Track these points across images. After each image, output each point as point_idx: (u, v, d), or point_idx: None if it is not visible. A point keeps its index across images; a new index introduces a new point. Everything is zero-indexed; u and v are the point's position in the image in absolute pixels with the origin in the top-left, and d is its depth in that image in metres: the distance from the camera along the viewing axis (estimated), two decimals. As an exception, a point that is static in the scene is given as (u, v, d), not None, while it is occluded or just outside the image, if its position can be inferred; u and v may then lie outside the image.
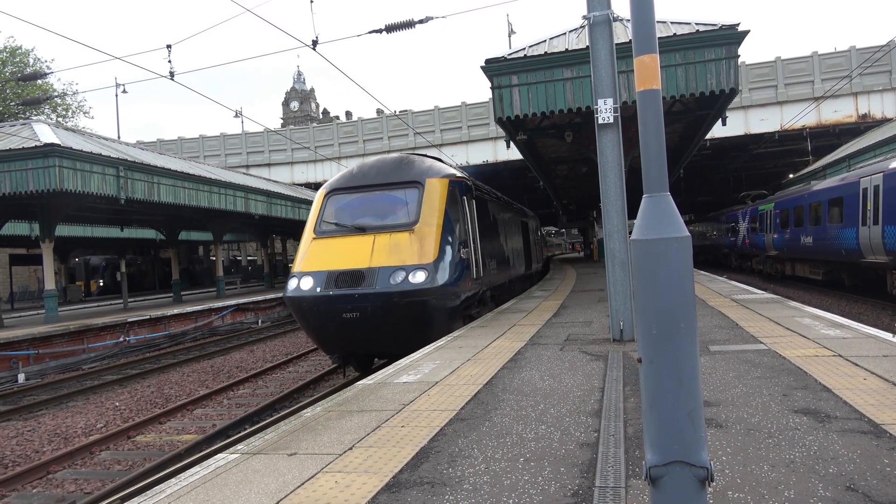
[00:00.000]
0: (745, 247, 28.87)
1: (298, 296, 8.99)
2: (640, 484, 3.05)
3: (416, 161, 10.45)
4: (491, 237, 13.01)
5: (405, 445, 3.90)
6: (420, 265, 8.73)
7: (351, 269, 8.88)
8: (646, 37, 2.63)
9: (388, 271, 8.71)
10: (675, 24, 10.24)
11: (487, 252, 11.96)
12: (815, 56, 25.64)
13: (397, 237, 9.12)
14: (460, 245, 9.69)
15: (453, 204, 9.89)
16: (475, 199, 11.45)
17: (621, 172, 7.52)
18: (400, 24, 11.59)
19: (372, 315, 8.63)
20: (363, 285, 8.67)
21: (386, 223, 9.46)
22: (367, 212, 9.79)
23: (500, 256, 13.88)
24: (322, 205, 10.16)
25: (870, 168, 15.92)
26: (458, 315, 9.77)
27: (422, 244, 8.97)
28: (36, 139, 15.64)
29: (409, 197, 9.64)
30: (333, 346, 9.71)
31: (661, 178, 2.53)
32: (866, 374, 4.90)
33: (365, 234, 9.30)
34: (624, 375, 5.51)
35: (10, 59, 37.62)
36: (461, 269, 9.55)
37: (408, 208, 9.56)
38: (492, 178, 27.68)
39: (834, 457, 3.24)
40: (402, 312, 8.65)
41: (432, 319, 9.02)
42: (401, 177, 9.94)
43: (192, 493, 3.32)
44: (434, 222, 9.27)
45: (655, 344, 2.37)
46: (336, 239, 9.50)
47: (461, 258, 9.62)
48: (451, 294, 9.17)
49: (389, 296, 8.53)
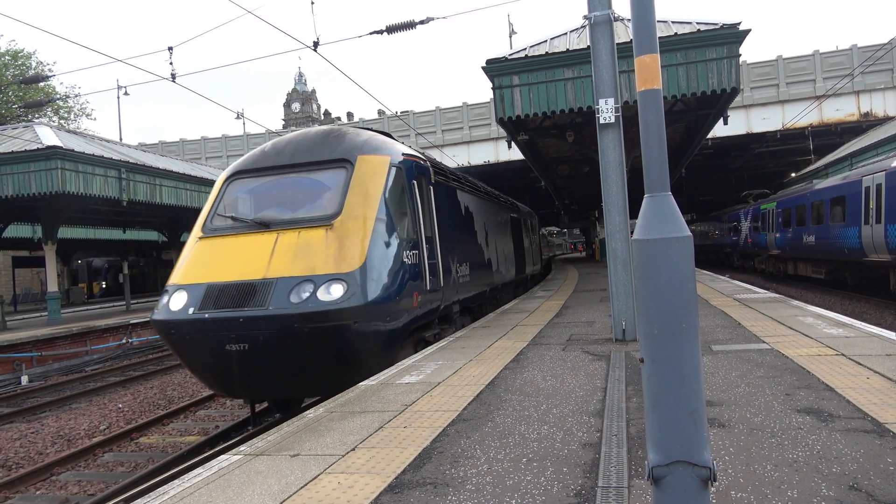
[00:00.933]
0: (747, 246, 28.84)
1: (164, 319, 6.59)
2: (642, 484, 3.04)
3: (348, 134, 8.02)
4: (463, 236, 10.89)
5: (408, 446, 3.90)
6: (337, 274, 6.40)
7: (238, 282, 6.51)
8: (647, 36, 2.63)
9: (289, 284, 6.35)
10: (675, 23, 10.24)
11: (457, 255, 9.92)
12: (817, 55, 25.60)
13: (308, 235, 6.80)
14: (407, 246, 7.45)
15: (398, 191, 7.62)
16: (437, 187, 9.19)
17: (623, 172, 7.52)
18: (401, 25, 11.60)
19: (265, 348, 6.28)
20: (252, 304, 6.29)
21: (297, 216, 7.14)
22: (276, 201, 7.55)
23: (476, 260, 11.64)
24: (219, 193, 7.78)
25: (872, 167, 15.89)
26: (399, 342, 7.34)
27: (342, 245, 6.66)
28: (38, 142, 15.69)
29: (334, 181, 7.31)
30: (224, 389, 7.38)
31: (663, 177, 2.53)
32: (869, 373, 4.89)
33: (267, 232, 6.96)
34: (626, 375, 5.50)
35: (12, 62, 37.71)
36: (405, 278, 7.22)
37: (329, 196, 7.20)
38: (493, 178, 27.70)
39: (837, 456, 3.23)
40: (307, 344, 6.30)
41: (356, 352, 6.64)
42: (324, 154, 7.57)
43: (195, 495, 3.32)
44: (365, 214, 6.96)
45: (657, 344, 2.37)
46: (229, 239, 7.13)
47: (407, 264, 7.34)
48: (387, 313, 6.78)
49: (287, 320, 6.15)
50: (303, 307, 6.18)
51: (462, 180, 11.75)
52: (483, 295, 12.19)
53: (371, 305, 6.47)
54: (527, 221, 21.46)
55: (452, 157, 27.87)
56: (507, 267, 15.52)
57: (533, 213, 25.36)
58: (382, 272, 6.84)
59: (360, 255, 6.64)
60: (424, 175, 8.67)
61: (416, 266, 7.63)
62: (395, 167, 7.67)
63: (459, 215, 10.92)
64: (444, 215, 9.42)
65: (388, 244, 7.08)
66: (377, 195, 7.20)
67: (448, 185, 10.19)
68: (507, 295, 15.87)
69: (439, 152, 26.92)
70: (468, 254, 10.96)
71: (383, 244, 7.00)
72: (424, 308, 7.90)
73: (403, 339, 7.46)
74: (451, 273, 9.40)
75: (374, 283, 6.62)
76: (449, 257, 9.29)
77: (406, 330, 7.40)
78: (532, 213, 24.64)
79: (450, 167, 11.54)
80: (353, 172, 7.27)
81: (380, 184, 7.30)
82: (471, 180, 13.08)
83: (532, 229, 23.46)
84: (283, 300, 6.25)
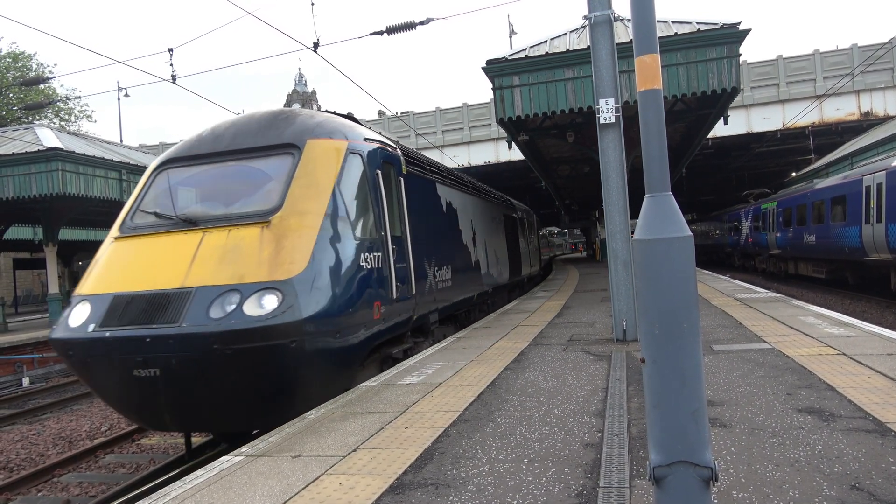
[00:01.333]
0: (747, 246, 28.83)
1: (61, 338, 5.49)
2: (644, 484, 3.04)
3: (300, 116, 6.90)
4: (444, 236, 9.88)
5: (409, 447, 3.90)
6: (270, 283, 5.29)
7: (149, 293, 5.40)
8: (647, 36, 2.63)
9: (210, 295, 5.23)
10: (676, 23, 10.25)
11: (436, 257, 8.95)
12: (817, 54, 25.59)
13: (240, 235, 5.70)
14: (366, 248, 6.37)
15: (357, 182, 6.56)
16: (410, 179, 8.12)
17: (623, 172, 7.52)
18: (401, 26, 11.60)
19: (179, 375, 5.14)
20: (162, 321, 5.16)
21: (230, 212, 6.04)
22: (208, 194, 6.52)
23: (460, 262, 10.58)
24: (144, 186, 6.74)
25: (873, 166, 15.89)
26: (356, 362, 6.22)
27: (280, 246, 5.57)
28: (39, 143, 15.71)
29: (277, 169, 6.25)
30: (142, 421, 6.16)
31: (663, 177, 2.53)
32: (871, 372, 4.89)
33: (192, 231, 5.87)
34: (627, 375, 5.50)
35: (12, 64, 37.76)
36: (363, 285, 6.17)
37: (269, 188, 6.14)
38: (494, 178, 27.68)
39: (839, 456, 3.23)
40: (232, 370, 5.13)
41: (297, 378, 5.46)
42: (269, 138, 6.47)
43: (197, 496, 3.32)
44: (311, 209, 5.91)
45: (658, 344, 2.37)
46: (147, 240, 6.03)
47: (366, 268, 6.28)
48: (337, 329, 5.67)
49: (204, 340, 5.00)
50: (224, 324, 5.04)
51: (444, 173, 10.64)
52: (469, 301, 11.23)
53: (314, 320, 5.34)
54: (523, 220, 20.39)
55: (453, 158, 27.87)
56: (500, 269, 14.53)
57: (531, 211, 24.40)
58: (330, 279, 5.70)
59: (301, 258, 5.55)
60: (393, 164, 7.60)
61: (378, 271, 6.57)
62: (354, 154, 6.65)
63: (440, 212, 9.85)
64: (420, 212, 8.43)
65: (339, 245, 5.99)
66: (328, 186, 6.14)
67: (425, 177, 9.14)
68: (501, 299, 15.02)
69: (440, 153, 26.91)
70: (450, 256, 9.93)
71: (333, 245, 5.92)
72: (390, 320, 6.83)
73: (362, 358, 6.32)
74: (427, 278, 8.40)
75: (318, 292, 5.49)
76: (425, 260, 8.34)
77: (365, 347, 6.26)
78: (530, 212, 23.65)
79: (429, 158, 10.43)
80: (300, 159, 6.20)
81: (332, 173, 6.27)
82: (455, 174, 12.09)
83: (530, 229, 22.41)
84: (201, 315, 5.11)
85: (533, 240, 23.45)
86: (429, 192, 9.29)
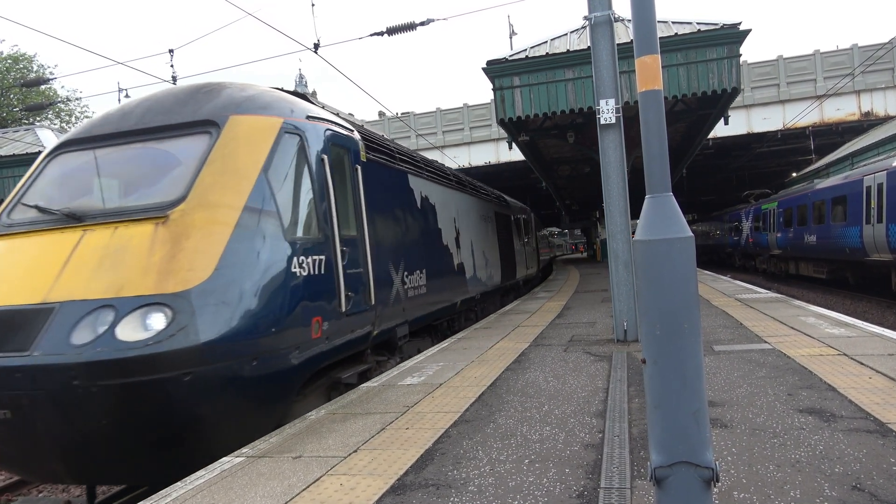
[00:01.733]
0: (748, 246, 28.82)
1: None
2: (645, 485, 3.04)
3: (227, 89, 5.65)
4: (417, 235, 8.55)
5: (410, 447, 3.90)
6: (156, 297, 4.15)
7: (6, 309, 4.27)
8: (647, 37, 2.63)
9: (76, 312, 4.10)
10: (676, 23, 10.25)
11: (406, 260, 7.77)
12: (817, 54, 25.58)
13: (127, 234, 4.53)
14: (304, 250, 5.20)
15: (293, 168, 5.38)
16: (371, 168, 6.99)
17: (624, 173, 7.53)
18: (401, 27, 11.61)
19: (36, 417, 4.01)
20: (10, 347, 4.05)
21: (122, 205, 4.89)
22: (103, 183, 5.25)
23: (439, 266, 9.41)
24: (33, 174, 5.53)
25: (873, 166, 15.88)
26: (287, 394, 5.04)
27: (177, 248, 4.42)
28: (40, 144, 15.75)
29: (189, 152, 5.05)
30: (13, 470, 4.89)
31: (664, 178, 2.53)
32: (872, 372, 4.88)
33: (72, 229, 4.68)
34: (628, 376, 5.50)
35: (13, 65, 37.79)
36: (294, 297, 4.96)
37: (176, 174, 4.94)
38: (494, 178, 27.69)
39: (840, 456, 3.23)
40: (101, 412, 3.96)
41: (197, 421, 4.27)
42: (183, 115, 5.26)
43: (198, 497, 3.33)
44: (227, 201, 4.77)
45: (659, 344, 2.37)
46: (21, 240, 4.82)
47: (302, 276, 5.08)
48: (252, 356, 4.48)
49: (61, 374, 3.89)
50: (88, 352, 3.88)
51: (419, 163, 9.39)
52: (451, 309, 10.13)
53: (217, 344, 4.17)
54: (519, 219, 19.09)
55: (453, 159, 27.87)
56: (490, 272, 13.31)
57: (527, 209, 23.05)
58: (245, 290, 4.51)
59: (204, 263, 4.38)
60: (347, 150, 6.42)
61: (320, 279, 5.39)
62: (291, 134, 5.48)
63: (412, 208, 8.56)
64: (385, 207, 7.35)
65: (262, 247, 4.78)
66: (251, 173, 4.97)
67: (393, 167, 7.91)
68: (492, 304, 13.98)
69: (440, 153, 26.91)
70: (426, 258, 8.72)
71: (252, 247, 4.72)
72: (338, 338, 5.65)
73: (296, 388, 5.14)
74: (393, 286, 7.26)
75: (225, 308, 4.32)
76: (390, 264, 7.24)
77: (298, 375, 5.08)
78: (526, 210, 22.21)
79: (401, 146, 9.25)
80: (218, 140, 5.01)
81: (258, 156, 5.10)
82: (435, 165, 10.78)
83: (526, 228, 20.96)
84: (59, 340, 3.96)
85: (530, 240, 22.06)
86: (398, 185, 8.08)
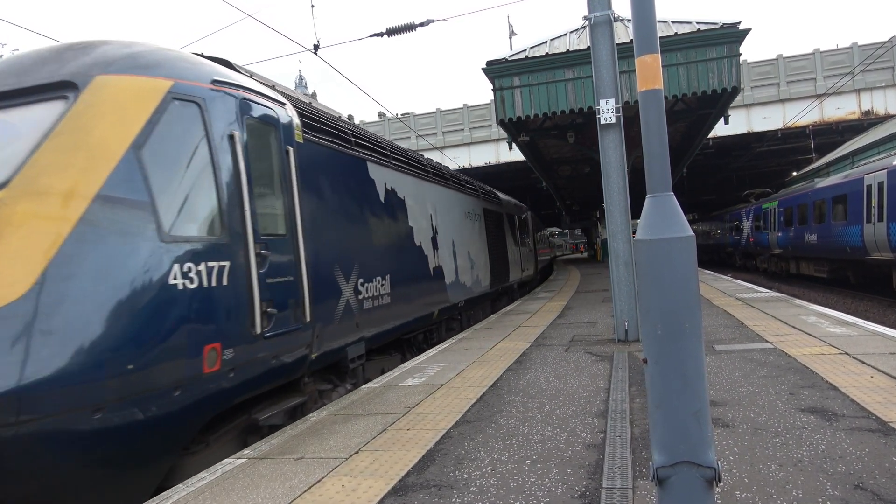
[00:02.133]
0: (749, 245, 28.81)
1: None
2: (647, 485, 3.04)
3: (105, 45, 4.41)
4: (379, 235, 7.26)
5: (411, 448, 3.90)
6: None
7: None
8: (647, 36, 2.63)
9: None
10: (676, 23, 10.25)
11: (360, 263, 6.54)
12: (817, 53, 25.57)
13: None
14: (189, 255, 4.04)
15: (181, 146, 4.27)
16: (312, 152, 5.87)
17: (624, 172, 7.53)
18: (401, 28, 11.61)
19: None
20: None
21: None
22: None
23: (409, 270, 8.17)
24: None
25: (874, 165, 15.87)
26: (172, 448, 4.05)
27: None
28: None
29: (33, 123, 3.93)
30: None
31: (665, 177, 2.53)
32: (873, 371, 4.88)
33: None
34: (629, 376, 5.50)
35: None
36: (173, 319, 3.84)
37: (9, 153, 3.81)
38: (495, 179, 27.68)
39: (842, 455, 3.22)
40: None
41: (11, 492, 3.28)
42: (40, 76, 4.08)
43: (199, 499, 3.32)
44: (71, 186, 3.68)
45: (661, 344, 2.37)
46: None
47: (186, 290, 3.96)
48: (97, 404, 3.40)
49: None
50: None
51: (384, 150, 7.99)
52: (426, 319, 8.79)
53: (28, 395, 3.13)
54: (513, 217, 17.63)
55: (453, 159, 27.88)
56: (477, 276, 11.84)
57: (524, 207, 21.36)
58: (84, 312, 3.43)
59: (19, 276, 3.33)
60: (273, 127, 5.21)
61: (220, 293, 4.21)
62: (184, 101, 4.33)
63: (373, 202, 7.25)
64: (331, 201, 6.10)
65: (119, 250, 3.67)
66: (114, 150, 3.87)
67: (345, 152, 6.64)
68: (481, 312, 12.77)
69: (440, 154, 26.91)
70: (389, 262, 7.41)
71: (104, 251, 3.61)
72: (252, 369, 4.50)
73: (184, 439, 4.13)
74: (342, 296, 6.03)
75: (49, 339, 3.27)
76: (337, 270, 6.00)
77: (187, 421, 4.05)
78: (522, 208, 20.41)
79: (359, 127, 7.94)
80: (72, 106, 3.92)
81: (128, 128, 3.98)
82: (408, 154, 9.25)
83: (522, 227, 19.38)
84: None
85: (527, 240, 20.51)
86: (353, 174, 6.79)
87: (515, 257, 17.14)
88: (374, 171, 7.44)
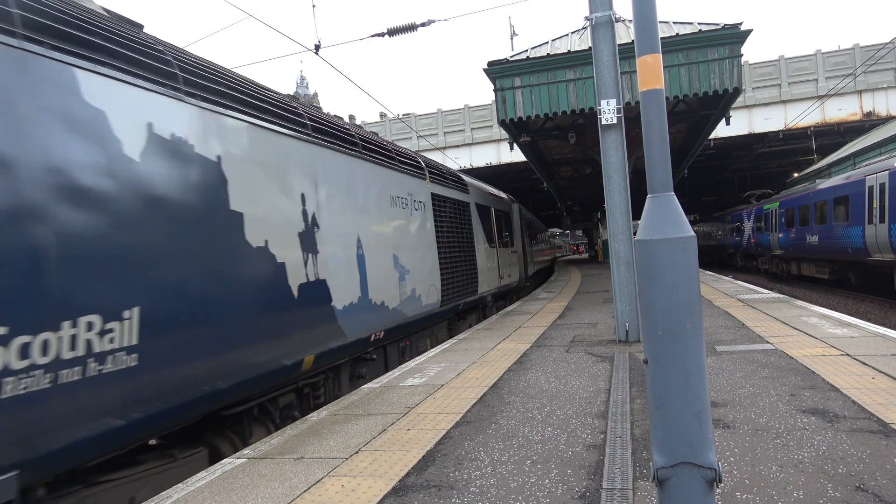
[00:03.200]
0: (750, 246, 28.79)
1: None
2: (647, 485, 3.03)
3: None
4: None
5: (411, 448, 3.89)
6: None
7: None
8: (648, 37, 2.63)
9: None
10: (677, 24, 10.24)
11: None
12: (819, 54, 25.56)
13: None
14: None
15: None
16: None
17: (625, 173, 7.52)
18: (402, 28, 11.61)
19: None
20: None
21: None
22: None
23: (222, 297, 4.26)
24: None
25: (875, 166, 15.85)
26: None
27: None
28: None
29: None
30: None
31: (666, 178, 2.52)
32: (875, 373, 4.87)
33: None
34: (630, 377, 5.49)
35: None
36: None
37: None
38: (496, 179, 27.68)
39: (843, 457, 3.21)
40: None
41: None
42: None
43: (199, 499, 3.32)
44: None
45: (661, 345, 2.36)
46: None
47: None
48: None
49: None
50: None
51: (148, 57, 4.04)
52: (283, 373, 5.00)
53: None
54: (486, 210, 13.66)
55: (454, 160, 27.89)
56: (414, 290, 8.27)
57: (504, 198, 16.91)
58: None
59: None
60: None
61: None
62: None
63: (93, 161, 3.40)
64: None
65: None
66: None
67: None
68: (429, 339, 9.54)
69: (441, 154, 26.92)
70: (146, 276, 3.65)
71: None
72: None
73: None
74: None
75: None
76: None
77: None
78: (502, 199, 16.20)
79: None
80: None
81: None
82: (252, 88, 5.25)
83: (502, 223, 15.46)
84: None
85: (510, 239, 16.61)
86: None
87: (490, 262, 13.38)
88: (103, 92, 3.58)
